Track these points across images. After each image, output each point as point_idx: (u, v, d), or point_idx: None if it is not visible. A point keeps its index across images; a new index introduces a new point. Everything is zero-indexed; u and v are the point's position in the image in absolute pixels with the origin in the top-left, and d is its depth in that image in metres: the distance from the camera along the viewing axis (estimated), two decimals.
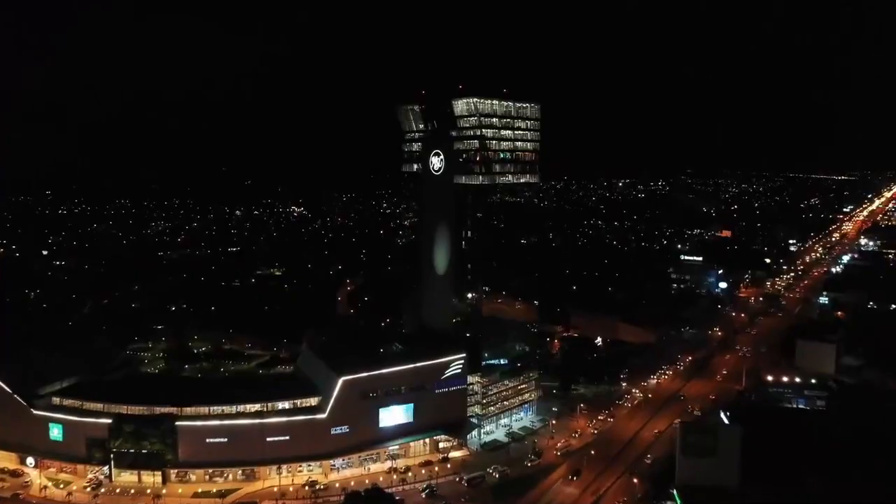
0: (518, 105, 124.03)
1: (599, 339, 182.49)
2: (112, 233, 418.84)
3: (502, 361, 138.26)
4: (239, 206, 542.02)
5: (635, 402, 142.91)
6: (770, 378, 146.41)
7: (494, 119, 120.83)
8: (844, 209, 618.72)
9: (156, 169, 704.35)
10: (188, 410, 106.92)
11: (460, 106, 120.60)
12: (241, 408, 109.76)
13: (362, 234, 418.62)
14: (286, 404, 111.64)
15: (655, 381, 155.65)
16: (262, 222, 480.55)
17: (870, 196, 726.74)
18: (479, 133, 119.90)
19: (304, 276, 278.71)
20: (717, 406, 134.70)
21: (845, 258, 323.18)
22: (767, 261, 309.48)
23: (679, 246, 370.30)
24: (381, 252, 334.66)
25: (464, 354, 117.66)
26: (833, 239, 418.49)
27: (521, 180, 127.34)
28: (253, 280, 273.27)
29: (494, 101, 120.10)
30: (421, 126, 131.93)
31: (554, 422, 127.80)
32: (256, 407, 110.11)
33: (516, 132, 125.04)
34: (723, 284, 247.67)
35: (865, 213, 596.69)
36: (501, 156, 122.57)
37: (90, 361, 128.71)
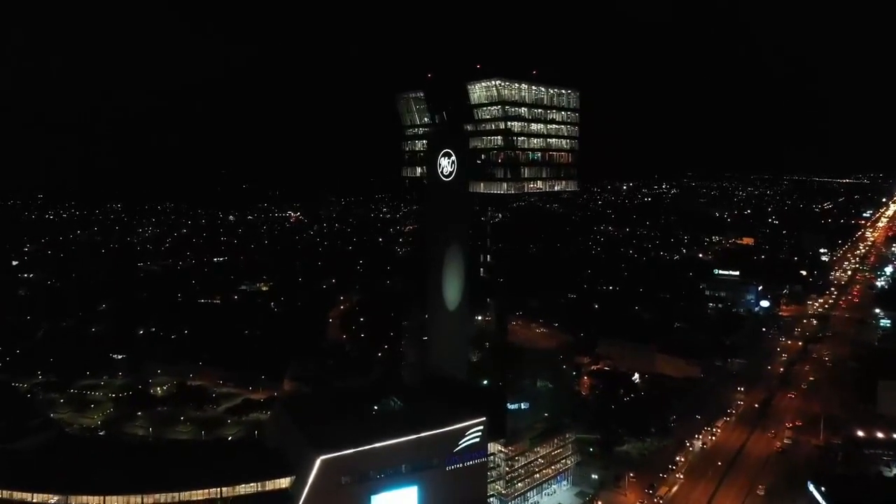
0: (553, 91, 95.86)
1: (637, 375, 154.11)
2: (95, 240, 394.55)
3: (523, 406, 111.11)
4: (233, 211, 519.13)
5: (691, 463, 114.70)
6: (861, 433, 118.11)
7: (523, 109, 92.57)
8: (864, 214, 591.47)
9: (153, 172, 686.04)
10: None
11: (478, 92, 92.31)
12: (185, 495, 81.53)
13: (360, 242, 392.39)
14: (248, 488, 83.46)
15: (711, 431, 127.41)
16: (255, 228, 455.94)
17: (884, 200, 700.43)
18: (503, 127, 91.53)
19: (293, 291, 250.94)
20: (796, 469, 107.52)
21: (888, 269, 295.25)
22: (803, 273, 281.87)
23: (701, 255, 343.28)
24: (379, 263, 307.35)
25: (484, 419, 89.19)
26: (863, 247, 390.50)
27: (556, 188, 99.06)
28: (236, 297, 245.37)
29: (523, 85, 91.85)
30: (426, 119, 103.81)
31: (599, 503, 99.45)
32: (207, 494, 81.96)
33: (549, 126, 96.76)
34: (764, 303, 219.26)
35: (885, 218, 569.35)
36: (531, 157, 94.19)
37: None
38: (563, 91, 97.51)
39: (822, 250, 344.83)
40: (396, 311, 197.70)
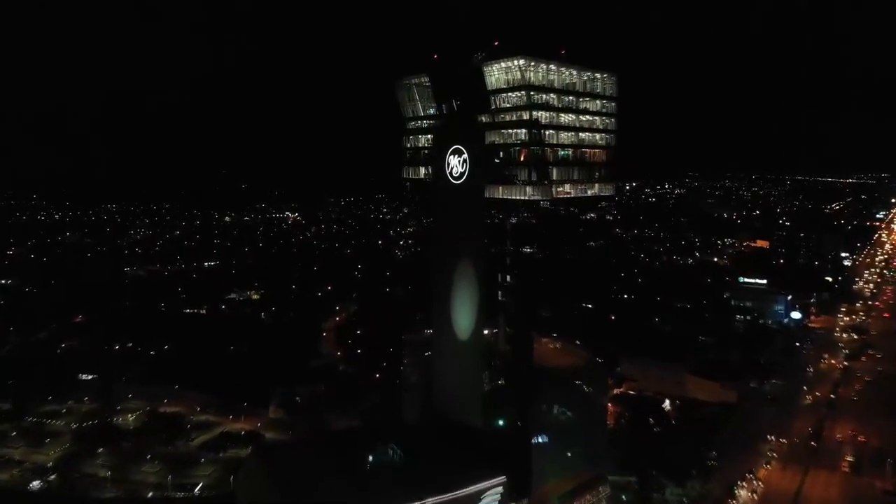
0: (586, 74, 78.72)
1: (668, 402, 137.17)
2: (85, 243, 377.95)
3: (541, 440, 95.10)
4: (230, 212, 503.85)
5: None
6: None
7: (551, 96, 75.44)
8: (877, 215, 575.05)
9: (152, 172, 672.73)
10: None
11: (496, 74, 75.23)
12: None
13: (358, 244, 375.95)
14: None
15: (757, 469, 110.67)
16: (251, 230, 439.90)
17: (894, 201, 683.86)
18: (527, 118, 74.39)
19: (285, 300, 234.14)
20: None
21: None
22: (828, 279, 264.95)
23: (716, 259, 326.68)
24: (378, 268, 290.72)
25: (503, 478, 72.22)
26: (884, 250, 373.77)
27: (588, 192, 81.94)
28: (223, 307, 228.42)
29: (551, 67, 74.66)
30: (432, 110, 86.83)
31: None
32: None
33: (582, 118, 79.68)
34: (795, 314, 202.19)
35: None
36: (561, 154, 77.07)
37: None
38: (599, 74, 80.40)
39: (843, 254, 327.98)
40: (396, 322, 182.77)
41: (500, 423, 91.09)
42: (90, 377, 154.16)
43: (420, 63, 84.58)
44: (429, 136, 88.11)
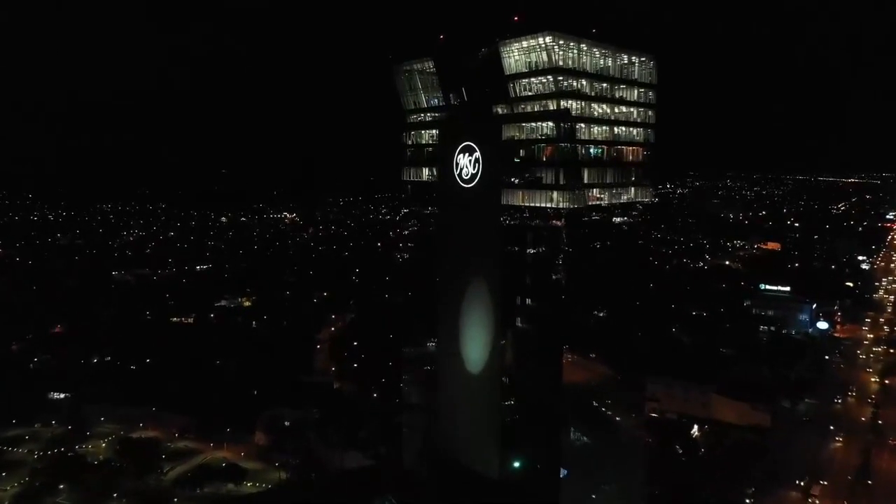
0: (622, 57, 65.76)
1: (696, 427, 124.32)
2: (76, 244, 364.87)
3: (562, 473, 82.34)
4: (226, 213, 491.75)
5: None
6: None
7: (583, 82, 62.41)
8: (887, 216, 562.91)
9: (151, 172, 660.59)
10: None
11: (516, 56, 62.19)
12: None
13: (356, 246, 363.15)
14: None
15: None
16: (247, 231, 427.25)
17: None
18: (554, 108, 61.38)
19: (278, 308, 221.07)
20: None
21: None
22: (849, 285, 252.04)
23: (728, 263, 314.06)
24: (377, 272, 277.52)
25: None
26: None
27: (623, 198, 68.90)
28: (212, 315, 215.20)
29: (583, 45, 61.59)
30: (438, 100, 73.76)
31: None
32: None
33: (617, 109, 66.70)
34: (822, 324, 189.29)
35: None
36: (593, 152, 64.12)
37: None
38: (636, 58, 67.40)
39: (860, 257, 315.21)
40: (395, 333, 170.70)
41: (517, 465, 78.39)
42: (62, 396, 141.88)
43: (423, 45, 71.42)
44: (433, 132, 75.17)
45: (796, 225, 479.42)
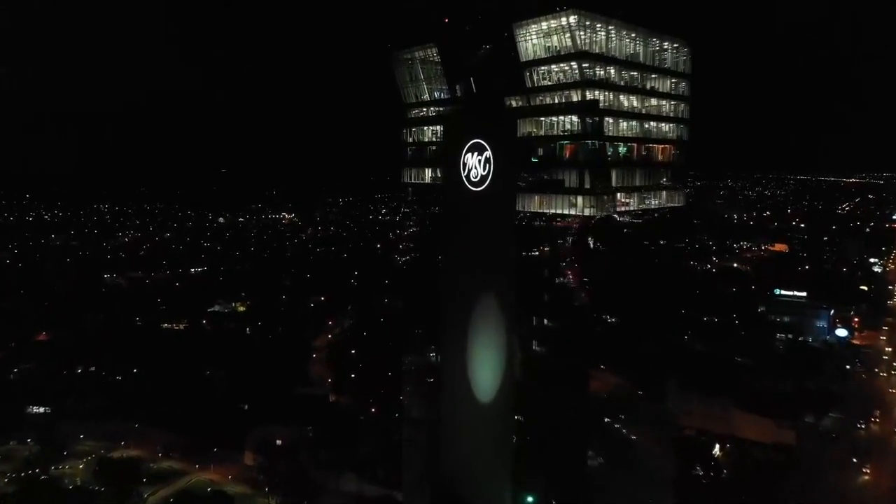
0: (654, 43, 57.65)
1: (717, 447, 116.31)
2: (70, 245, 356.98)
3: None
4: (224, 213, 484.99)
5: None
6: None
7: (611, 69, 54.26)
8: (893, 217, 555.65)
9: (150, 172, 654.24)
10: None
11: (534, 39, 54.05)
12: None
13: (355, 247, 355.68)
14: None
15: None
16: (244, 232, 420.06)
17: None
18: (579, 99, 53.22)
19: (273, 313, 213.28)
20: None
21: None
22: (864, 288, 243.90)
23: (736, 265, 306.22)
24: (376, 274, 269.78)
25: None
26: None
27: (654, 203, 60.76)
28: (204, 321, 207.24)
29: (611, 27, 53.40)
30: (441, 93, 65.55)
31: None
32: None
33: (648, 101, 58.53)
34: (841, 331, 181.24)
35: None
36: (622, 151, 55.95)
37: None
38: (669, 44, 59.27)
39: (871, 259, 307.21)
40: (395, 340, 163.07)
41: (531, 501, 70.43)
42: (42, 410, 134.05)
43: (425, 29, 63.01)
44: (437, 128, 66.93)
45: (802, 226, 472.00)
